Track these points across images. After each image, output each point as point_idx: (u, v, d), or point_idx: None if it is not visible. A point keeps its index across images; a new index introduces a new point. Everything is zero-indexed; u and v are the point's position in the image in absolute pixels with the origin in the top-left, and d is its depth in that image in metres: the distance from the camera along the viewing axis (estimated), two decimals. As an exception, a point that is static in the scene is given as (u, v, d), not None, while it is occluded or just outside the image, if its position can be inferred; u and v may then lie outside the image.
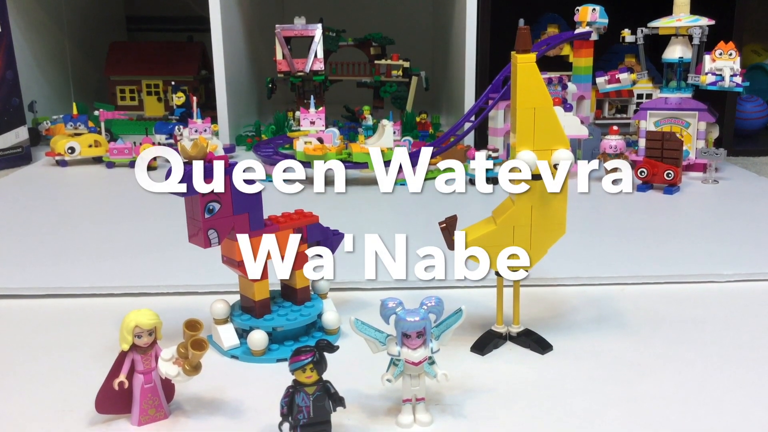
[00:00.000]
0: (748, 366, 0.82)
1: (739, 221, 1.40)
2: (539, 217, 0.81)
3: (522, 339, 0.87)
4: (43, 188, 1.77)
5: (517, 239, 0.82)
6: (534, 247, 0.82)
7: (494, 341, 0.86)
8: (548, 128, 0.78)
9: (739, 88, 1.74)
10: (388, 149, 1.71)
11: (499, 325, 0.88)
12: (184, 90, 2.30)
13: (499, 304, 0.87)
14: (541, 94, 0.78)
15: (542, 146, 0.79)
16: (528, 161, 0.77)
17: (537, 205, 0.81)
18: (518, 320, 0.88)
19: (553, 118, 0.78)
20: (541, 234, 0.82)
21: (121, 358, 0.70)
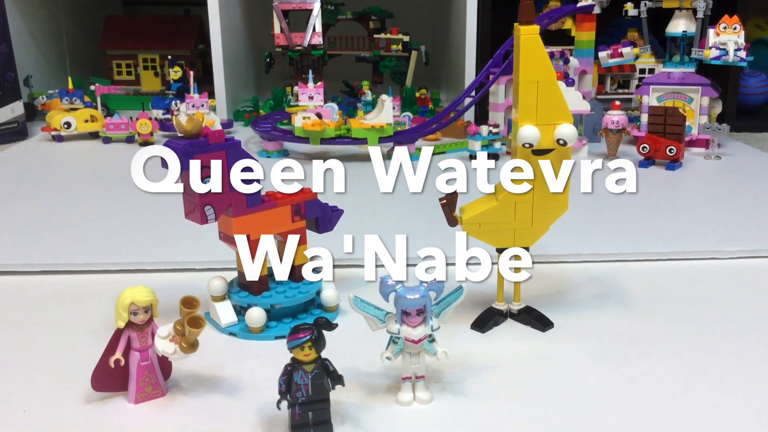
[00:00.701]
0: (751, 343, 0.81)
1: (742, 197, 1.39)
2: (541, 193, 0.79)
3: (523, 316, 0.86)
4: (39, 164, 1.75)
5: (519, 216, 0.81)
6: (536, 224, 0.81)
7: (495, 318, 0.85)
8: (551, 102, 0.76)
9: (743, 62, 1.72)
10: (387, 125, 1.69)
11: (499, 302, 0.86)
12: (181, 64, 2.28)
13: (500, 282, 0.86)
14: (544, 67, 0.75)
15: (545, 121, 0.76)
16: (530, 136, 0.75)
17: (539, 181, 0.79)
18: (519, 297, 0.86)
19: (556, 92, 0.76)
20: (542, 211, 0.81)
21: (116, 335, 0.69)
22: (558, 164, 0.77)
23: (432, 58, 2.54)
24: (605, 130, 1.70)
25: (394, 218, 1.27)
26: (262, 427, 0.66)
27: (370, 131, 1.68)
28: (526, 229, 0.82)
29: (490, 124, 1.70)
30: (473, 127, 1.69)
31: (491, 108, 1.83)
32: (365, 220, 1.21)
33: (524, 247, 0.82)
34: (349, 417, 0.67)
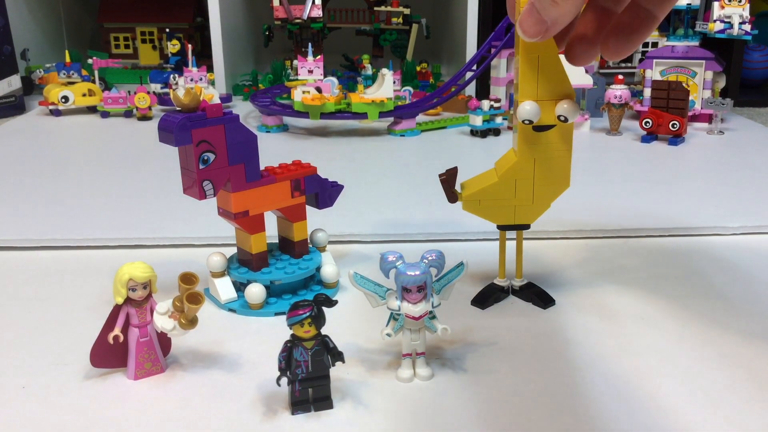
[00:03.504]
0: (754, 319, 0.81)
1: (745, 173, 1.38)
2: (542, 170, 0.78)
3: (524, 293, 0.85)
4: (37, 138, 1.74)
5: (519, 193, 0.79)
6: (537, 200, 0.80)
7: (495, 295, 0.84)
8: (553, 78, 0.73)
9: (748, 36, 1.70)
10: (387, 99, 1.68)
11: (501, 278, 0.85)
12: (179, 38, 2.26)
13: (502, 257, 0.85)
14: (546, 42, 0.70)
15: (546, 96, 0.73)
16: (529, 113, 0.72)
17: (540, 158, 0.77)
18: (521, 273, 0.85)
19: (558, 66, 0.72)
20: (544, 188, 0.79)
21: (115, 311, 0.68)
22: (559, 141, 0.76)
23: (433, 32, 2.52)
24: (608, 104, 1.68)
25: (394, 193, 1.26)
26: (261, 403, 0.65)
27: (370, 106, 1.67)
28: (526, 206, 0.80)
29: (491, 98, 1.69)
30: (474, 102, 1.67)
31: (492, 82, 1.81)
32: (365, 196, 1.20)
33: (525, 225, 0.82)
34: (349, 393, 0.67)
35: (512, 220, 0.81)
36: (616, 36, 0.66)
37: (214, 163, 0.79)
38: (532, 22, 0.61)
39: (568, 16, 0.60)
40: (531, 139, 0.76)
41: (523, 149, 0.77)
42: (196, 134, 0.76)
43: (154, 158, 1.50)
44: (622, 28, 0.66)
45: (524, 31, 0.62)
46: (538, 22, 0.60)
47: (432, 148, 1.63)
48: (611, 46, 0.66)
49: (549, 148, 0.77)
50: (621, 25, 0.66)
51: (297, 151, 1.58)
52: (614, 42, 0.66)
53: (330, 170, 0.97)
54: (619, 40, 0.66)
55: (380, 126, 1.78)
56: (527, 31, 0.62)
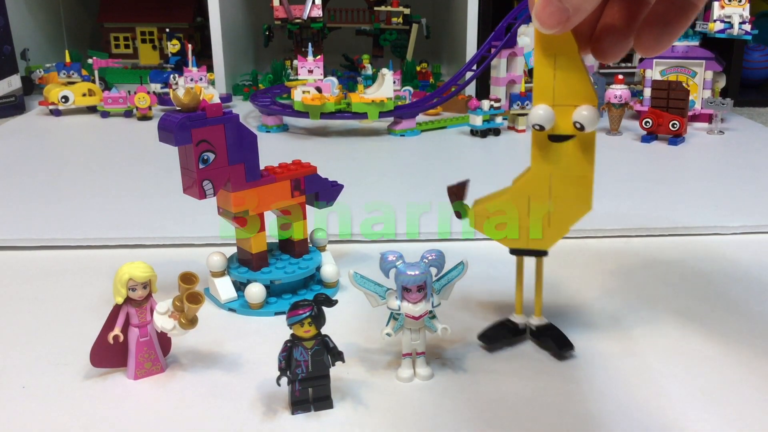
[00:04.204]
0: (755, 319, 0.81)
1: (745, 173, 1.38)
2: (560, 187, 0.67)
3: (541, 337, 0.74)
4: (37, 138, 1.74)
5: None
6: (553, 223, 0.69)
7: (507, 336, 0.74)
8: (571, 80, 0.63)
9: (747, 36, 1.70)
10: (387, 99, 1.68)
11: (517, 314, 0.75)
12: (179, 37, 2.26)
13: (518, 288, 0.74)
14: (564, 39, 0.61)
15: (563, 101, 0.64)
16: (541, 117, 0.63)
17: (557, 174, 0.67)
18: (540, 310, 0.74)
19: (578, 67, 0.63)
20: (561, 208, 0.68)
21: (115, 311, 0.68)
22: (579, 154, 0.66)
23: (433, 32, 2.52)
24: (608, 104, 1.68)
25: (394, 193, 1.26)
26: (261, 403, 0.65)
27: (370, 105, 1.67)
28: (541, 227, 0.70)
29: (491, 98, 1.69)
30: (474, 102, 1.67)
31: (492, 82, 1.81)
32: (365, 195, 1.20)
33: (539, 251, 0.71)
34: (349, 393, 0.67)
35: (525, 244, 0.71)
36: (650, 28, 0.58)
37: (214, 162, 0.79)
38: (551, 10, 0.53)
39: (594, 2, 0.53)
40: (546, 151, 0.66)
41: (538, 162, 0.67)
42: (196, 134, 0.76)
43: (154, 158, 1.50)
44: (657, 19, 0.58)
45: (541, 21, 0.54)
46: (558, 10, 0.53)
47: (432, 148, 1.63)
48: (645, 39, 0.58)
49: (567, 163, 0.66)
50: (656, 16, 0.58)
51: (297, 151, 1.57)
52: (648, 35, 0.58)
53: (330, 170, 0.96)
54: (654, 33, 0.58)
55: (380, 126, 1.78)
56: (545, 21, 0.54)
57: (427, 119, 1.84)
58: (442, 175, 1.38)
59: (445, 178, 0.72)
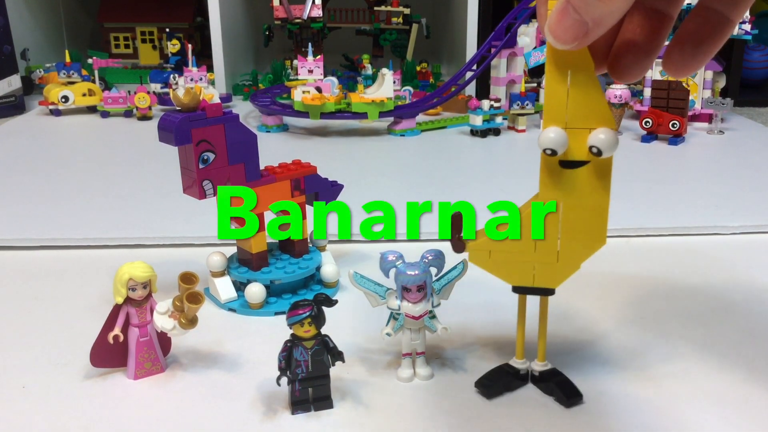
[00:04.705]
0: (754, 319, 0.81)
1: (745, 173, 1.38)
2: (571, 219, 0.60)
3: (545, 383, 0.67)
4: (37, 138, 1.74)
5: (540, 246, 0.62)
6: (563, 258, 0.62)
7: (507, 381, 0.68)
8: (587, 100, 0.56)
9: (747, 35, 1.70)
10: (387, 99, 1.68)
11: (518, 359, 0.68)
12: (179, 37, 2.26)
13: (520, 330, 0.67)
14: (579, 54, 0.54)
15: (577, 123, 0.57)
16: (553, 141, 0.56)
17: (568, 204, 0.60)
18: (543, 355, 0.67)
19: (594, 86, 0.56)
20: (572, 242, 0.61)
21: (115, 311, 0.68)
22: (593, 182, 0.59)
23: (433, 31, 2.52)
24: (608, 104, 1.68)
25: (394, 193, 1.26)
26: (261, 403, 0.65)
27: (370, 105, 1.67)
28: (550, 264, 0.62)
29: (491, 98, 1.69)
30: (474, 102, 1.67)
31: (492, 82, 1.81)
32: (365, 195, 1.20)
33: (546, 289, 0.64)
34: (349, 393, 0.67)
35: (531, 281, 0.64)
36: (681, 47, 0.53)
37: (214, 162, 0.79)
38: (567, 23, 0.48)
39: (617, 13, 0.47)
40: (556, 178, 0.59)
41: (547, 189, 0.60)
42: (196, 134, 0.76)
43: (154, 158, 1.50)
44: (689, 37, 0.53)
45: (556, 35, 0.49)
46: (576, 23, 0.47)
47: (432, 148, 1.63)
48: (675, 59, 0.53)
49: (580, 192, 0.59)
50: (687, 34, 0.53)
51: (297, 151, 1.57)
52: (679, 55, 0.53)
53: (330, 170, 0.97)
54: (686, 53, 0.53)
55: (380, 126, 1.78)
56: (560, 35, 0.49)
57: (427, 119, 1.84)
58: (442, 175, 1.38)
59: (445, 178, 0.72)
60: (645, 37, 0.54)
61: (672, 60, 0.53)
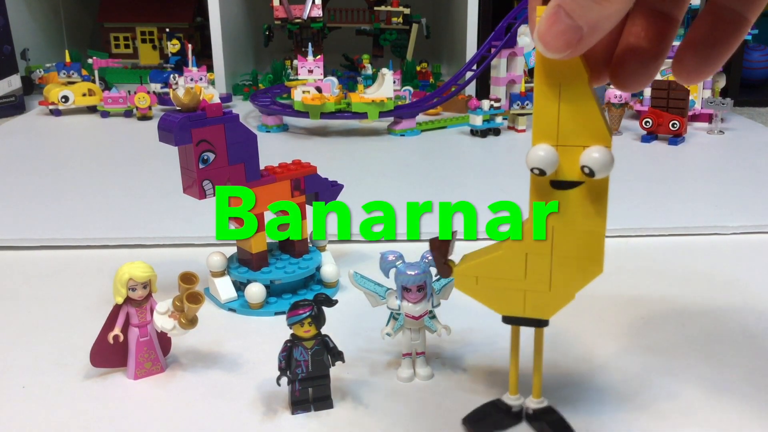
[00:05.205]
0: (755, 319, 0.81)
1: (745, 173, 1.38)
2: (564, 244, 0.55)
3: (539, 421, 0.62)
4: (37, 138, 1.74)
5: (532, 274, 0.56)
6: (556, 287, 0.56)
7: (498, 418, 0.63)
8: (580, 115, 0.51)
9: (748, 36, 1.70)
10: (387, 99, 1.68)
11: (512, 394, 0.62)
12: (179, 37, 2.26)
13: (513, 364, 0.62)
14: (572, 64, 0.49)
15: (569, 140, 0.51)
16: (542, 160, 0.51)
17: (561, 228, 0.54)
18: (539, 392, 0.62)
19: (588, 100, 0.50)
20: (566, 269, 0.56)
21: (115, 311, 0.68)
22: (587, 205, 0.53)
23: (433, 31, 2.52)
24: (608, 104, 1.68)
25: (394, 193, 1.26)
26: (262, 402, 0.65)
27: (370, 105, 1.67)
28: (541, 293, 0.57)
29: (491, 98, 1.69)
30: (474, 102, 1.67)
31: (492, 82, 1.81)
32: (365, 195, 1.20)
33: (539, 320, 0.58)
34: (349, 393, 0.67)
35: (521, 311, 0.58)
36: (693, 51, 0.48)
37: (214, 162, 0.79)
38: (559, 29, 0.42)
39: (614, 17, 0.42)
40: (547, 200, 0.54)
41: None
42: (196, 134, 0.76)
43: (154, 158, 1.50)
44: (702, 39, 0.48)
45: (546, 43, 0.43)
46: (568, 29, 0.42)
47: (432, 148, 1.63)
48: (688, 64, 0.48)
49: (572, 215, 0.53)
50: (700, 35, 0.48)
51: (297, 151, 1.57)
52: (691, 59, 0.48)
53: (330, 170, 0.97)
54: (699, 55, 0.48)
55: (380, 126, 1.78)
56: (551, 43, 0.43)
57: (427, 119, 1.84)
58: (442, 175, 1.38)
59: (445, 178, 0.72)
60: (650, 42, 0.49)
61: (684, 65, 0.49)
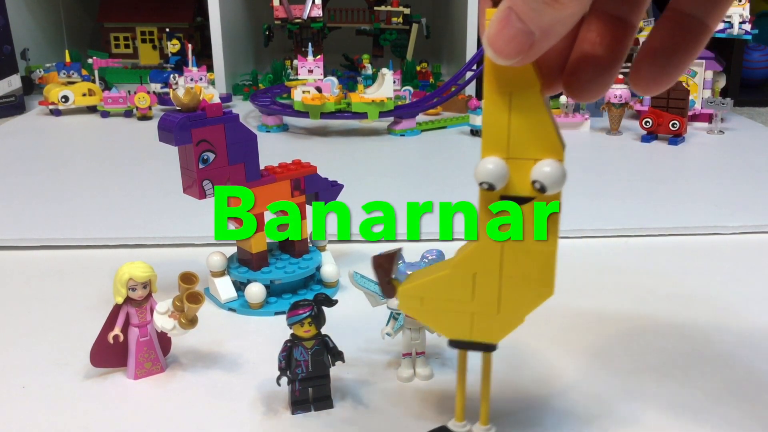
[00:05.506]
0: (754, 319, 0.81)
1: (745, 173, 1.38)
2: (514, 264, 0.51)
3: None
4: (37, 138, 1.74)
5: (480, 295, 0.53)
6: (505, 309, 0.53)
7: None
8: (531, 126, 0.47)
9: (748, 35, 1.70)
10: (387, 99, 1.68)
11: (458, 421, 0.59)
12: (179, 37, 2.26)
13: (460, 388, 0.58)
14: (523, 71, 0.46)
15: (520, 153, 0.48)
16: (489, 174, 0.47)
17: (511, 247, 0.51)
18: (486, 418, 0.58)
19: (540, 110, 0.47)
20: (515, 291, 0.52)
21: (115, 311, 0.68)
22: (539, 221, 0.50)
23: (433, 32, 2.52)
24: (608, 104, 1.68)
25: (394, 193, 1.26)
26: (262, 402, 0.65)
27: (370, 105, 1.67)
28: (490, 315, 0.53)
29: (491, 98, 1.69)
30: (474, 102, 1.67)
31: (493, 82, 1.81)
32: (365, 195, 1.20)
33: (487, 344, 0.55)
34: (349, 393, 0.67)
35: (468, 335, 0.54)
36: (651, 59, 0.45)
37: (214, 162, 0.79)
38: (510, 33, 0.40)
39: (569, 20, 0.40)
40: (498, 216, 0.50)
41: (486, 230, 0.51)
42: (196, 134, 0.76)
43: (154, 158, 1.50)
44: (661, 47, 0.45)
45: (496, 48, 0.41)
46: (519, 33, 0.40)
47: (432, 148, 1.63)
48: (646, 74, 0.46)
49: (523, 233, 0.50)
50: (658, 43, 0.46)
51: (297, 151, 1.57)
52: (649, 68, 0.45)
53: (330, 170, 0.97)
54: (657, 64, 0.45)
55: (380, 126, 1.78)
56: (501, 48, 0.40)
57: (427, 119, 1.84)
58: (442, 175, 1.38)
59: (445, 178, 0.72)
60: (605, 49, 0.46)
61: (642, 75, 0.46)
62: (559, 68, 0.48)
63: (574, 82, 0.47)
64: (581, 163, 1.47)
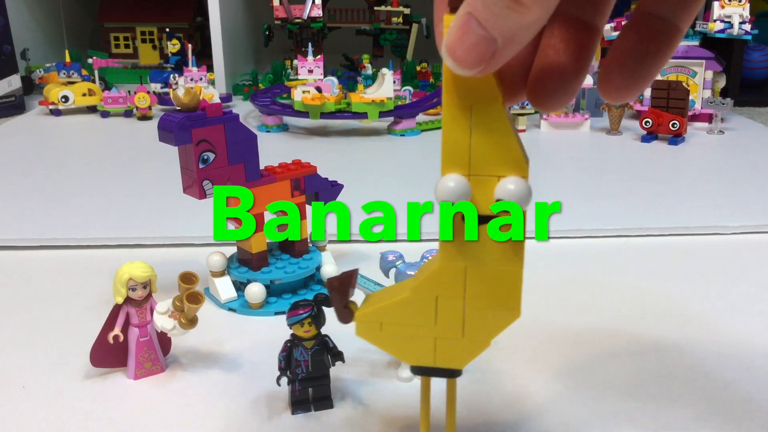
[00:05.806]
0: (754, 319, 0.81)
1: (745, 173, 1.38)
2: (477, 286, 0.48)
3: None
4: (37, 138, 1.74)
5: (443, 319, 0.50)
6: (469, 333, 0.50)
7: None
8: (494, 141, 0.45)
9: (747, 35, 1.71)
10: (387, 99, 1.68)
11: None
12: (179, 37, 2.26)
13: (424, 415, 0.56)
14: (484, 83, 0.43)
15: (482, 170, 0.45)
16: (450, 192, 0.45)
17: (474, 268, 0.48)
18: (453, 429, 0.56)
19: (502, 124, 0.44)
20: (480, 314, 0.49)
21: (115, 311, 0.68)
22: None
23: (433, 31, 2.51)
24: (608, 104, 1.68)
25: (394, 193, 1.26)
26: (262, 402, 0.65)
27: (370, 105, 1.67)
28: (453, 340, 0.50)
29: (491, 98, 1.69)
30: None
31: (493, 82, 1.81)
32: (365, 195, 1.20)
33: (451, 370, 0.52)
34: (349, 393, 0.67)
35: (431, 361, 0.51)
36: (620, 65, 0.43)
37: (214, 162, 0.79)
38: (471, 41, 0.37)
39: (533, 26, 0.36)
40: (459, 237, 0.47)
41: (449, 252, 0.47)
42: (196, 134, 0.76)
43: (154, 158, 1.50)
44: (630, 52, 0.43)
45: (456, 57, 0.37)
46: (481, 41, 0.36)
47: (432, 148, 1.63)
48: (615, 80, 0.43)
49: (487, 253, 0.47)
50: (627, 48, 0.43)
51: (297, 151, 1.57)
52: (619, 74, 0.43)
53: (330, 170, 0.97)
54: (627, 70, 0.43)
55: (380, 126, 1.78)
56: (461, 57, 0.37)
57: (427, 119, 1.84)
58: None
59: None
60: (570, 56, 0.43)
61: (611, 82, 0.43)
62: (522, 77, 0.45)
63: (539, 91, 0.44)
64: (581, 163, 1.47)
